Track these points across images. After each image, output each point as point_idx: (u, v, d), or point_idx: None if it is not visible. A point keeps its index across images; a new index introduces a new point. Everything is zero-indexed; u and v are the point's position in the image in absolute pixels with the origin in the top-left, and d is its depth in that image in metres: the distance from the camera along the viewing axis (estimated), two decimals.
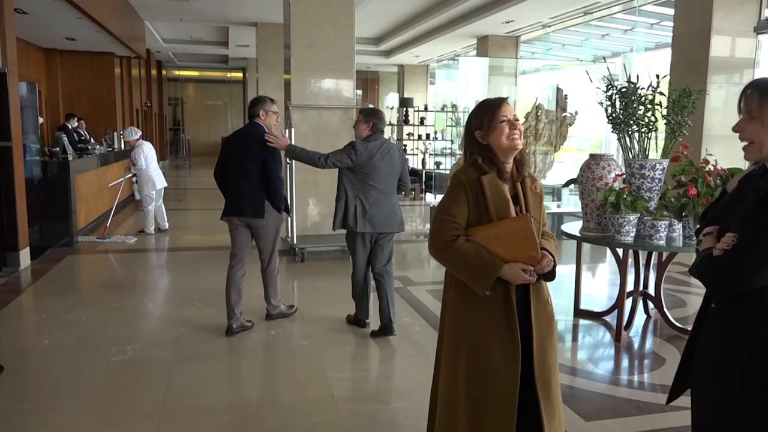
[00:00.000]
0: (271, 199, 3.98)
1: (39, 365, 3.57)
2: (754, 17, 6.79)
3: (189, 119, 25.44)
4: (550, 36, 12.18)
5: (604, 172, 4.10)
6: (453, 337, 2.00)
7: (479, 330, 1.93)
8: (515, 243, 1.89)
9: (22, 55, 8.65)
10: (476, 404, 1.93)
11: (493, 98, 2.04)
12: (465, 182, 1.95)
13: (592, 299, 5.07)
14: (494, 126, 1.96)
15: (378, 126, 4.00)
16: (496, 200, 1.93)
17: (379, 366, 3.69)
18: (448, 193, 2.01)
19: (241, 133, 4.09)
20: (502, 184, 1.96)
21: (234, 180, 3.99)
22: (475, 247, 1.91)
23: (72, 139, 9.15)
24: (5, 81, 5.61)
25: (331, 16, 6.47)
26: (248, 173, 3.94)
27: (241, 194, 3.96)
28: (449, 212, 1.96)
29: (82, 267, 6.27)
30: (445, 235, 1.95)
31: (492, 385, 1.90)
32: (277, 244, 4.21)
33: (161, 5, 10.94)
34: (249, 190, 3.95)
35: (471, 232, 1.95)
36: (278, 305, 4.34)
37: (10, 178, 5.72)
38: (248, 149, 3.95)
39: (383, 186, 3.96)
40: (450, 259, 1.95)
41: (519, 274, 1.88)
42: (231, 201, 4.02)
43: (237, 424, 2.87)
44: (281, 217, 4.16)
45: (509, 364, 1.89)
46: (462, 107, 12.65)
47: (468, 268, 1.92)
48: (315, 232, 6.64)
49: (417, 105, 13.87)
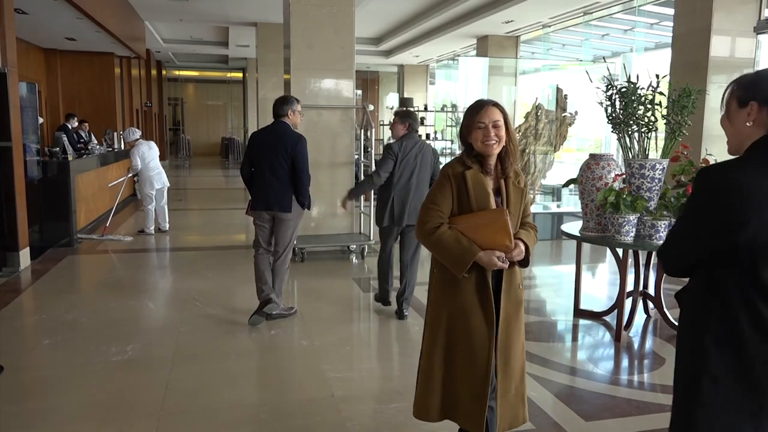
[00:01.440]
0: (297, 194, 4.19)
1: (39, 365, 3.57)
2: (754, 17, 6.79)
3: (189, 119, 25.44)
4: (550, 36, 12.18)
5: (604, 172, 4.10)
6: (435, 309, 2.25)
7: (457, 304, 2.17)
8: (491, 232, 2.11)
9: (22, 55, 8.65)
10: (452, 365, 2.20)
11: (478, 101, 2.21)
12: (451, 176, 2.18)
13: (592, 299, 5.07)
14: (471, 130, 2.16)
15: (413, 126, 4.36)
16: (477, 193, 2.14)
17: (379, 366, 3.69)
18: (436, 184, 2.24)
19: (271, 131, 4.23)
20: (485, 178, 2.17)
21: (261, 176, 4.16)
22: (455, 234, 2.14)
23: (72, 139, 9.15)
24: (5, 81, 5.61)
25: (331, 16, 6.47)
26: (277, 169, 4.12)
27: (269, 189, 4.14)
28: (435, 202, 2.19)
29: (82, 267, 6.27)
30: (430, 222, 2.18)
31: (466, 347, 2.15)
32: (293, 240, 4.38)
33: (161, 5, 10.94)
34: (277, 186, 4.13)
35: (453, 221, 2.18)
36: (278, 304, 4.35)
37: (10, 178, 5.72)
38: (278, 147, 4.12)
39: (415, 181, 4.29)
40: (434, 244, 2.18)
41: (493, 260, 2.11)
42: (259, 196, 4.19)
43: (237, 424, 2.87)
44: (302, 213, 4.36)
45: (482, 339, 2.14)
46: (462, 107, 12.67)
47: (448, 253, 2.14)
48: (315, 232, 6.65)
49: (417, 105, 13.88)
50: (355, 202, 6.89)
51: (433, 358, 2.24)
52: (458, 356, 2.18)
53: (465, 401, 2.17)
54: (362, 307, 5.11)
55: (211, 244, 7.40)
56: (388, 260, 4.57)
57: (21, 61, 7.63)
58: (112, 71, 12.86)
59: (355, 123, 6.78)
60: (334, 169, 6.64)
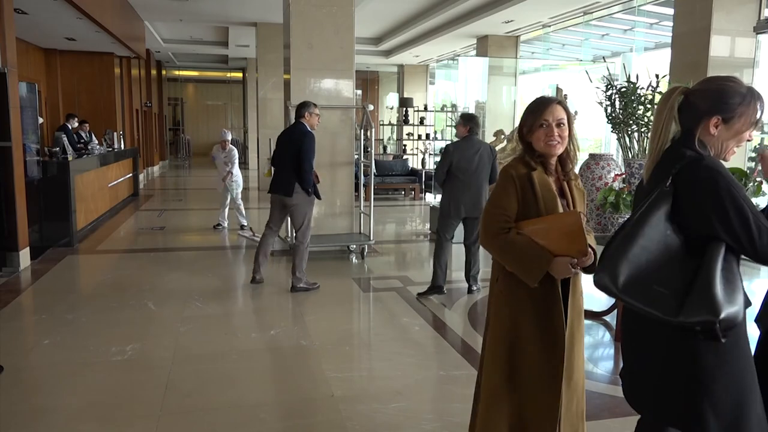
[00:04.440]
0: (300, 181, 4.85)
1: (39, 365, 3.57)
2: (753, 17, 6.79)
3: (189, 119, 25.43)
4: (549, 36, 12.17)
5: (604, 172, 4.11)
6: (500, 323, 2.07)
7: (525, 316, 2.01)
8: (565, 237, 1.94)
9: (22, 55, 8.65)
10: (519, 382, 2.03)
11: (540, 98, 2.08)
12: (515, 177, 2.01)
13: (592, 299, 5.07)
14: (534, 129, 2.02)
15: (474, 129, 4.89)
16: (545, 195, 1.99)
17: (379, 366, 3.69)
18: (498, 186, 2.07)
19: (288, 130, 5.18)
20: (550, 180, 2.03)
21: (277, 166, 5.06)
22: (526, 240, 1.97)
23: (72, 139, 9.15)
24: (5, 81, 5.61)
25: (330, 16, 6.47)
26: (285, 160, 4.94)
27: (277, 177, 5.02)
28: (500, 205, 2.03)
29: (82, 267, 6.27)
30: (496, 227, 2.02)
31: (532, 373, 2.00)
32: (306, 223, 5.03)
33: (161, 5, 10.93)
34: (284, 174, 4.93)
35: (520, 226, 2.01)
36: (301, 278, 5.05)
37: (10, 178, 5.72)
38: (289, 142, 4.97)
39: (472, 178, 4.79)
40: (502, 249, 2.01)
41: (567, 267, 1.94)
42: (273, 182, 5.06)
43: (237, 424, 2.87)
44: (311, 199, 4.99)
45: (552, 353, 1.98)
46: (462, 107, 12.68)
47: (520, 260, 1.97)
48: (315, 232, 6.63)
49: (417, 105, 13.87)
50: (355, 202, 6.90)
51: (497, 374, 2.06)
52: (526, 372, 2.02)
53: (534, 420, 2.03)
54: (362, 307, 5.11)
55: (210, 244, 7.40)
56: (446, 247, 4.99)
57: (21, 61, 7.63)
58: (112, 71, 12.84)
59: (355, 123, 6.78)
60: (334, 169, 6.64)
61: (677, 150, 1.64)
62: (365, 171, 7.84)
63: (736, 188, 1.55)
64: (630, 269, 1.56)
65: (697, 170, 1.57)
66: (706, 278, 1.50)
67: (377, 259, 6.52)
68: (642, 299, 1.55)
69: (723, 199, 1.53)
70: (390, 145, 18.37)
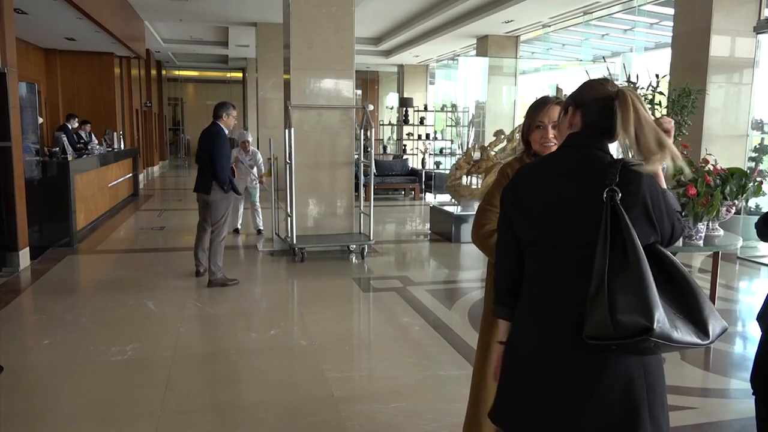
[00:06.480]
0: (215, 179, 5.05)
1: (39, 365, 3.57)
2: (753, 17, 6.80)
3: (189, 119, 25.41)
4: (549, 36, 12.18)
5: None
6: (488, 324, 2.08)
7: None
8: None
9: (22, 55, 8.65)
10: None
11: (541, 99, 2.09)
12: (510, 175, 2.01)
13: None
14: (531, 129, 2.05)
15: None
16: None
17: (379, 366, 3.69)
18: (494, 184, 2.09)
19: (204, 131, 5.29)
20: None
21: (199, 165, 5.26)
22: None
23: (72, 139, 9.15)
24: (5, 81, 5.60)
25: (330, 16, 6.47)
26: (202, 160, 5.18)
27: (198, 176, 5.22)
28: (493, 203, 2.02)
29: (82, 267, 6.28)
30: (488, 225, 2.03)
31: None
32: (224, 219, 5.16)
33: (161, 5, 10.93)
34: (202, 173, 5.18)
35: None
36: (216, 272, 5.11)
37: (10, 178, 5.72)
38: (205, 142, 5.19)
39: None
40: (492, 248, 1.95)
41: None
42: (196, 181, 5.26)
43: (237, 424, 2.87)
44: (229, 196, 5.15)
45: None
46: (461, 107, 12.68)
47: None
48: (315, 232, 6.65)
49: (417, 105, 13.89)
50: (355, 202, 6.90)
51: (486, 369, 2.06)
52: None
53: None
54: (362, 307, 5.11)
55: None
56: None
57: (21, 61, 7.62)
58: (112, 71, 12.85)
59: (354, 123, 6.77)
60: (334, 169, 6.64)
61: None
62: (365, 171, 7.84)
63: None
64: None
65: None
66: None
67: (377, 259, 6.52)
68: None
69: None
70: (390, 145, 18.38)
